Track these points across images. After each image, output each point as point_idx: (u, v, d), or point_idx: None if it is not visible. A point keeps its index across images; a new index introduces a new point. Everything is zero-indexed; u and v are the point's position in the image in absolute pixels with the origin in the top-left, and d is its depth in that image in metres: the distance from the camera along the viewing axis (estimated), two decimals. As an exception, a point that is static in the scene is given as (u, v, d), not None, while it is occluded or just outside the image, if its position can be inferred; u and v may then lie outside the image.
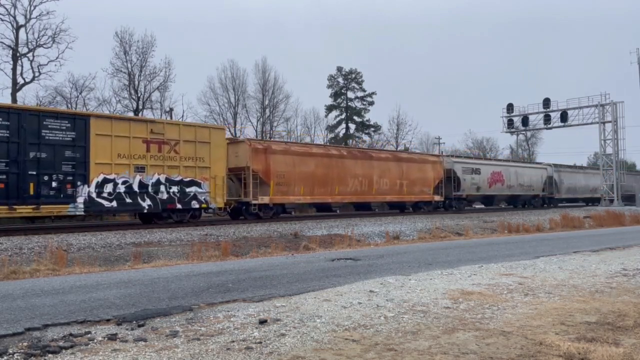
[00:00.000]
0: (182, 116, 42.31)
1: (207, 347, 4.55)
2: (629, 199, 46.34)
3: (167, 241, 14.98)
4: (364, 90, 56.27)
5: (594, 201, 48.61)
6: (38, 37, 32.86)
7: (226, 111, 45.55)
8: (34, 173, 15.96)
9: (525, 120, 48.66)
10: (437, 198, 30.85)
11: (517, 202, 39.77)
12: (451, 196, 31.72)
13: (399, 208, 30.72)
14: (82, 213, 17.25)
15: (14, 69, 32.36)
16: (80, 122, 17.10)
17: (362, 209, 29.16)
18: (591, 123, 45.47)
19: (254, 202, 21.92)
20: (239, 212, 22.60)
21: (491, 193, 35.63)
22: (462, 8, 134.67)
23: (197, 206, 19.79)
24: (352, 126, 56.25)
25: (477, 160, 37.29)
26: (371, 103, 56.29)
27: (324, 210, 28.10)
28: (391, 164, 28.38)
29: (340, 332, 5.04)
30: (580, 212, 30.97)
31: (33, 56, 32.99)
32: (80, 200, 16.89)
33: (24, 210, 15.89)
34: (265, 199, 22.37)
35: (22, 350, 4.44)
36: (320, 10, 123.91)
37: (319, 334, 4.97)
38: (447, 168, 31.70)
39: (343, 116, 55.98)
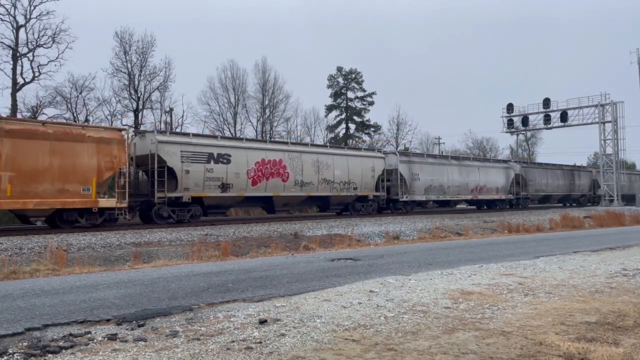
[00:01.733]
0: (182, 116, 42.36)
1: (207, 347, 4.55)
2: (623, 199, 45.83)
3: (167, 241, 14.99)
4: (364, 90, 56.30)
5: (482, 204, 37.06)
6: (38, 37, 33.00)
7: (226, 111, 45.62)
8: None
9: (525, 120, 48.70)
10: (105, 203, 18.18)
11: (327, 206, 27.09)
12: (153, 199, 19.62)
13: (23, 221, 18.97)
14: None
15: (14, 69, 32.41)
16: None
17: None
18: (591, 123, 45.53)
19: None
20: None
21: (258, 194, 22.98)
22: (463, 8, 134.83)
23: None
24: (352, 126, 56.26)
25: (224, 141, 22.94)
26: (371, 103, 56.31)
27: None
28: None
29: (340, 332, 5.04)
30: (580, 212, 30.97)
31: (33, 56, 33.12)
32: None
33: None
34: None
35: (22, 350, 4.44)
36: (321, 10, 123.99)
37: (319, 334, 4.97)
38: (150, 153, 19.75)
39: (343, 116, 55.96)
